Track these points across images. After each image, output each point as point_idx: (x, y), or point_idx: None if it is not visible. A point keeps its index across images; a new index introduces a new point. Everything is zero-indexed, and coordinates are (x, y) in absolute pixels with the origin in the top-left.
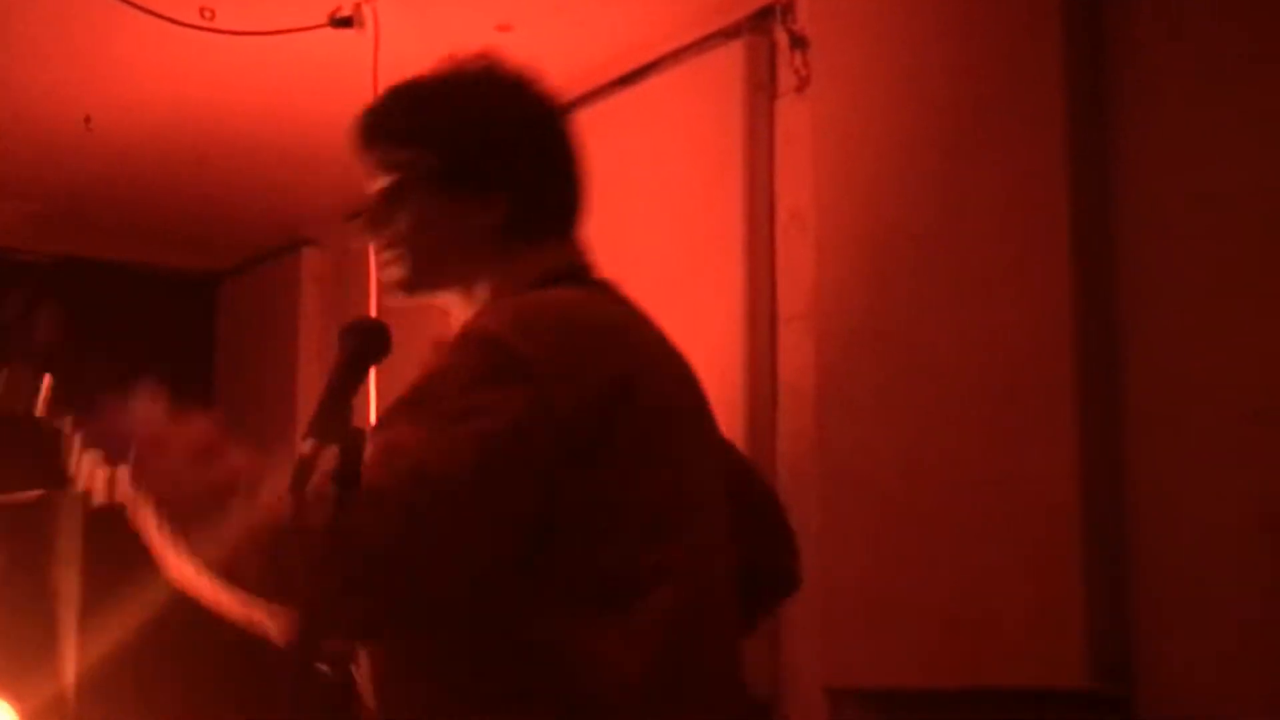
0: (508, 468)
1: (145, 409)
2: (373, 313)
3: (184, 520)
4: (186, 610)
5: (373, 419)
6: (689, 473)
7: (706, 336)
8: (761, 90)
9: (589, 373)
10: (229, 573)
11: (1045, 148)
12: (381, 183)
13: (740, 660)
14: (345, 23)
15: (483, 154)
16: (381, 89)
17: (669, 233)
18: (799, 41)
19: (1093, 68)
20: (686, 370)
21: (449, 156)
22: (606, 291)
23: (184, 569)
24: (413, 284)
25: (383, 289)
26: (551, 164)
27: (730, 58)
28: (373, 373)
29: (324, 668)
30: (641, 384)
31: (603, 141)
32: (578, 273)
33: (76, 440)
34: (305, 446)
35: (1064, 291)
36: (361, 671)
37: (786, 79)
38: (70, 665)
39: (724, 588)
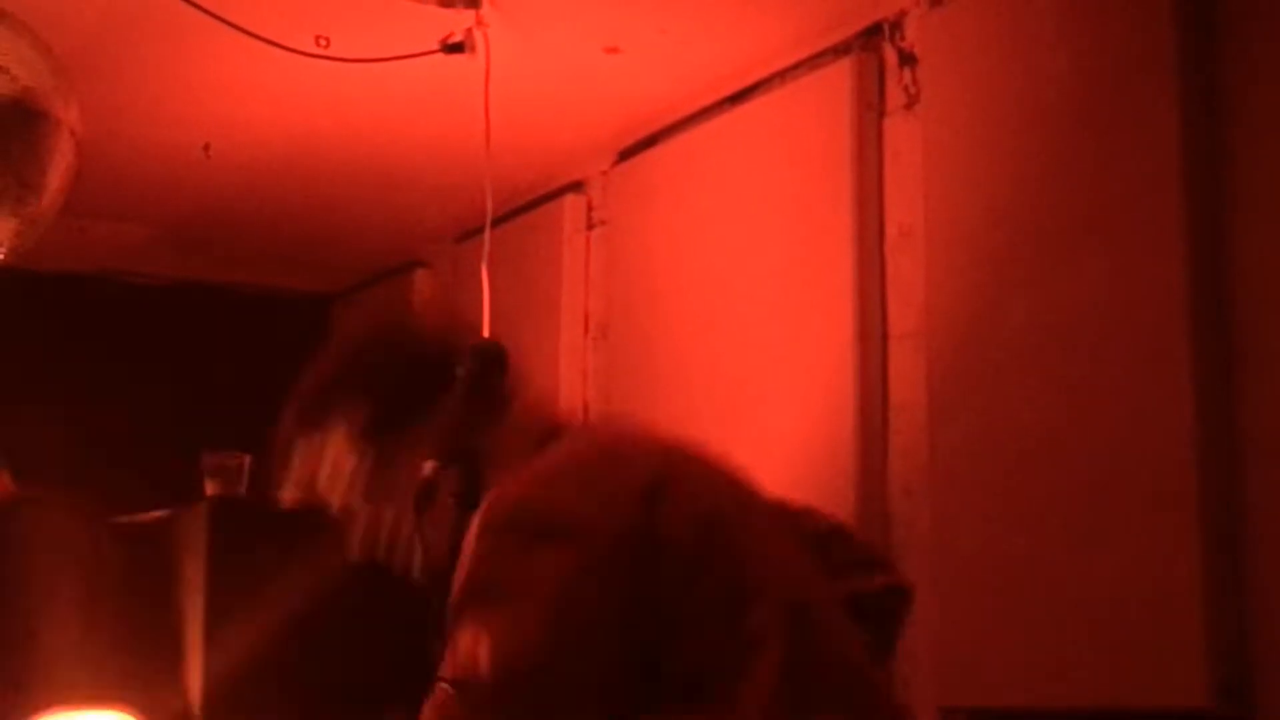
0: (579, 627)
1: None
2: (485, 332)
3: None
4: (309, 627)
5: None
6: (742, 541)
7: (817, 355)
8: (870, 108)
9: (616, 504)
10: None
11: (1160, 161)
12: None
13: (878, 687)
14: (457, 48)
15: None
16: (493, 115)
17: (779, 251)
18: (908, 59)
19: (1207, 80)
20: (701, 458)
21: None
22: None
23: None
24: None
25: None
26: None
27: (839, 75)
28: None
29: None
30: (668, 491)
31: (712, 161)
32: (560, 425)
33: None
34: (427, 468)
35: (1180, 305)
36: None
37: (895, 96)
38: (195, 682)
39: (831, 627)
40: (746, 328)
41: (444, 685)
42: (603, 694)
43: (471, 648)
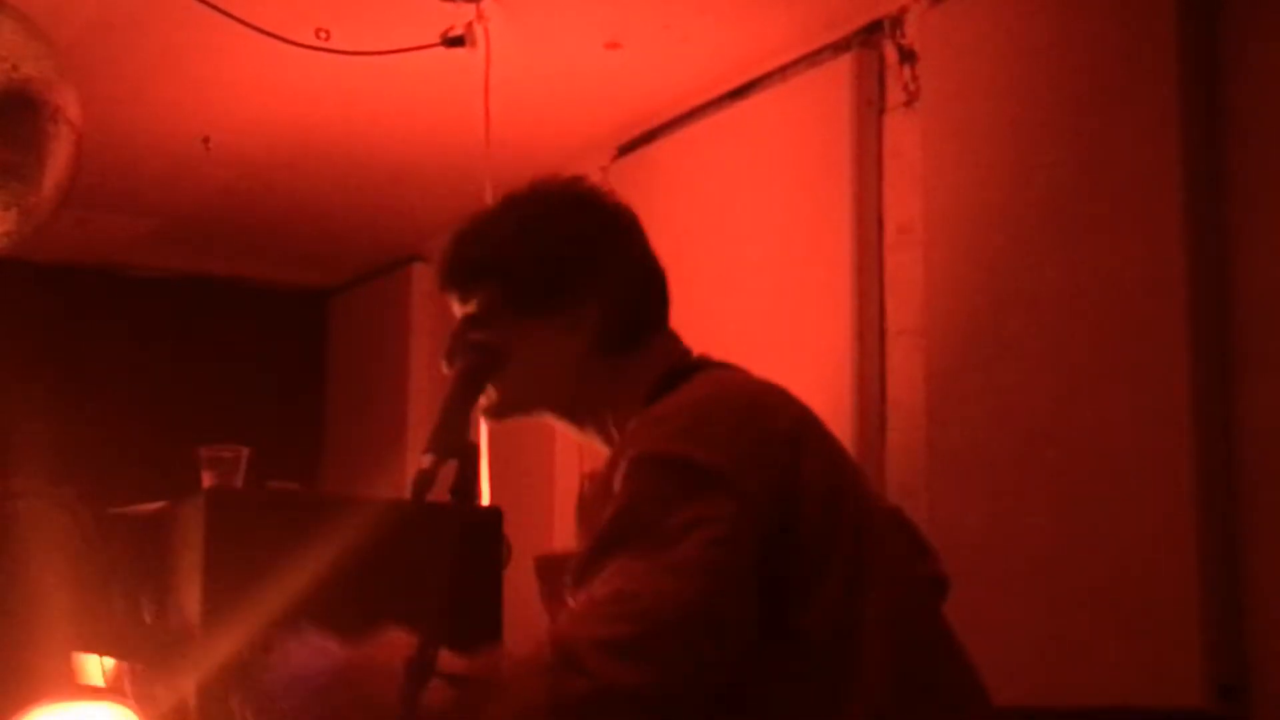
0: (735, 578)
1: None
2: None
3: None
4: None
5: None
6: (864, 507)
7: (815, 352)
8: (870, 105)
9: (768, 454)
10: None
11: (1159, 157)
12: (460, 319)
13: (968, 666)
14: (457, 42)
15: (553, 274)
16: (493, 109)
17: (777, 248)
18: (908, 56)
19: (1207, 78)
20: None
21: (518, 284)
22: (727, 368)
23: None
24: (498, 411)
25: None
26: (627, 267)
27: (839, 72)
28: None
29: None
30: (806, 436)
31: (711, 156)
32: (693, 362)
33: None
34: (424, 460)
35: (1179, 301)
36: None
37: (895, 94)
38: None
39: (928, 607)
40: (745, 323)
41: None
42: (737, 645)
43: (615, 586)
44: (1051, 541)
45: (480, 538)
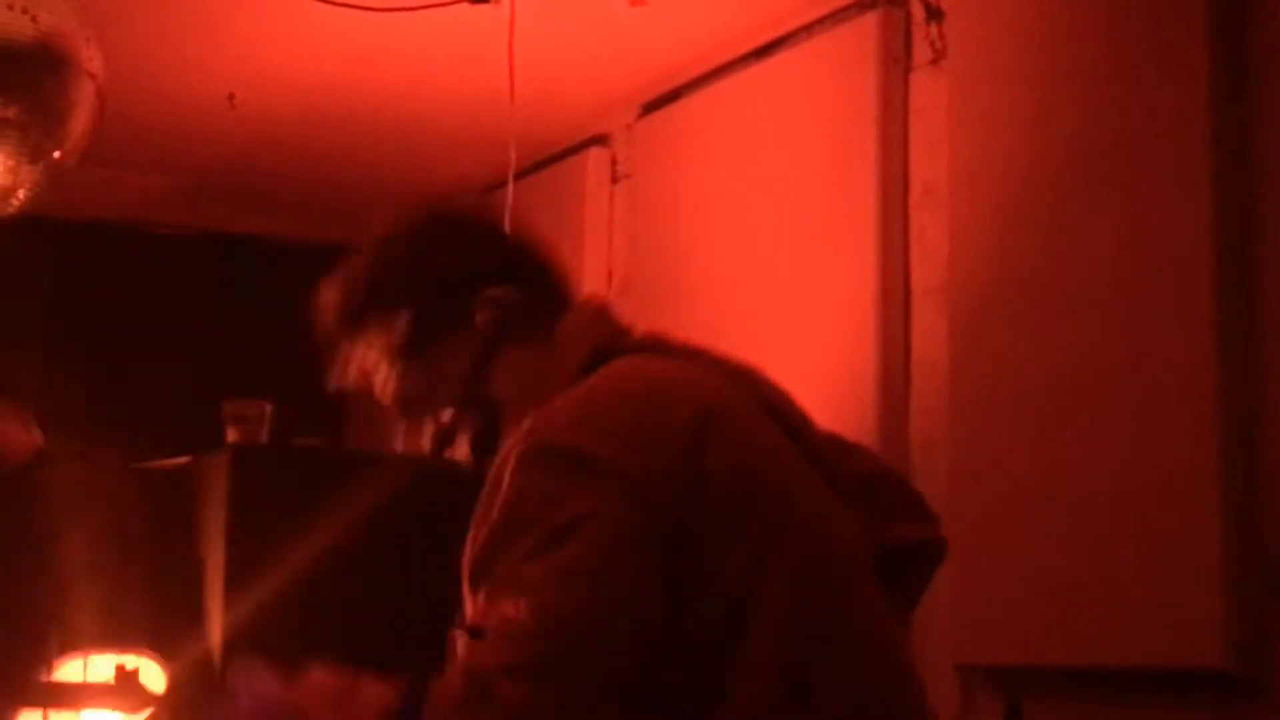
0: (630, 578)
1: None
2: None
3: None
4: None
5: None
6: (789, 493)
7: (840, 312)
8: (896, 63)
9: (664, 446)
10: None
11: (1187, 115)
12: (367, 362)
13: (893, 646)
14: None
15: (446, 293)
16: (517, 66)
17: (802, 207)
18: (934, 13)
19: (1236, 38)
20: (759, 385)
21: (419, 312)
22: (645, 352)
23: None
24: (404, 409)
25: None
26: (504, 259)
27: (865, 30)
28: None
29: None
30: (711, 427)
31: (736, 115)
32: (615, 346)
33: None
34: (444, 415)
35: (1204, 260)
36: None
37: (921, 51)
38: (217, 627)
39: (848, 586)
40: (769, 283)
41: (471, 632)
42: (639, 645)
43: (509, 596)
44: (1072, 501)
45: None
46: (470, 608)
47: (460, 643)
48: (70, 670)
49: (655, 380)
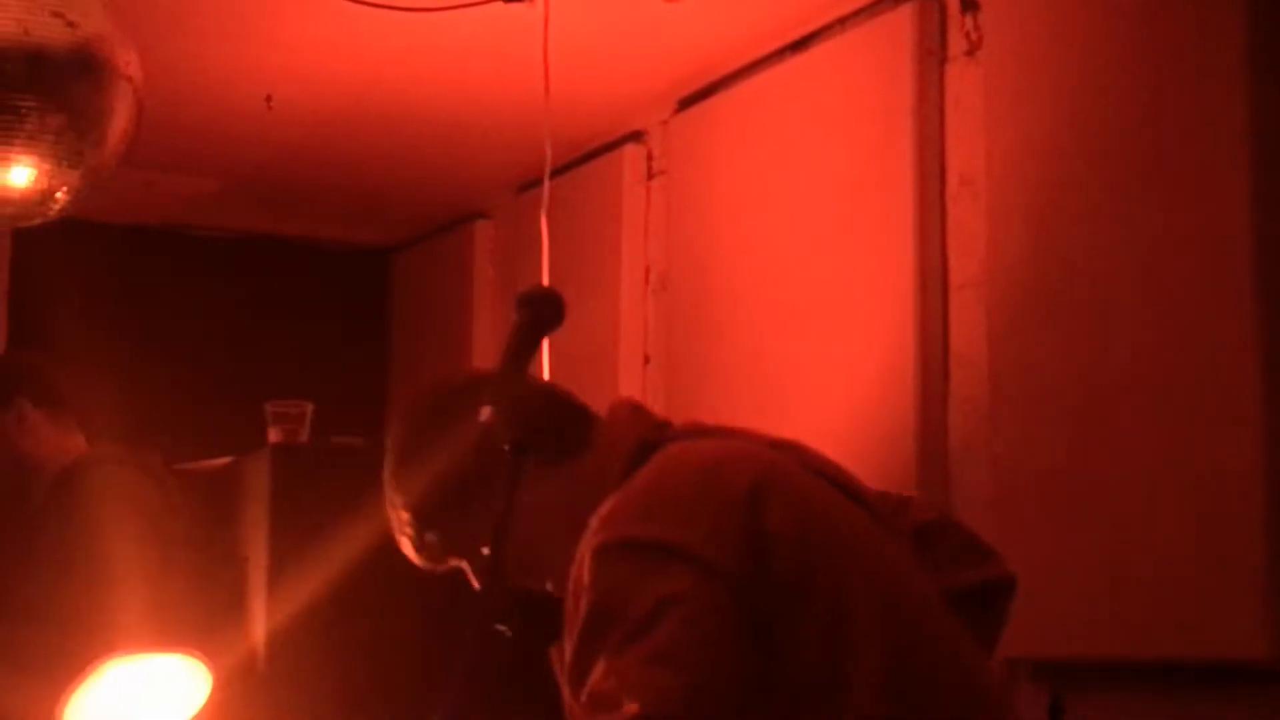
0: (718, 649)
1: None
2: (545, 283)
3: None
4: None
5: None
6: (849, 545)
7: (877, 305)
8: (931, 55)
9: (726, 519)
10: None
11: (1225, 105)
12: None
13: (987, 675)
14: None
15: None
16: (552, 64)
17: (838, 201)
18: (969, 4)
19: (1276, 16)
20: (805, 452)
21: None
22: (689, 436)
23: None
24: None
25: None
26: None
27: (900, 22)
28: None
29: (503, 628)
30: (767, 490)
31: (772, 109)
32: (655, 438)
33: None
34: (484, 413)
35: (1245, 254)
36: None
37: (957, 43)
38: (260, 625)
39: (935, 623)
40: (806, 278)
41: None
42: (736, 713)
43: (610, 690)
44: (1113, 494)
45: None
46: (573, 706)
47: None
48: (113, 671)
49: (706, 459)
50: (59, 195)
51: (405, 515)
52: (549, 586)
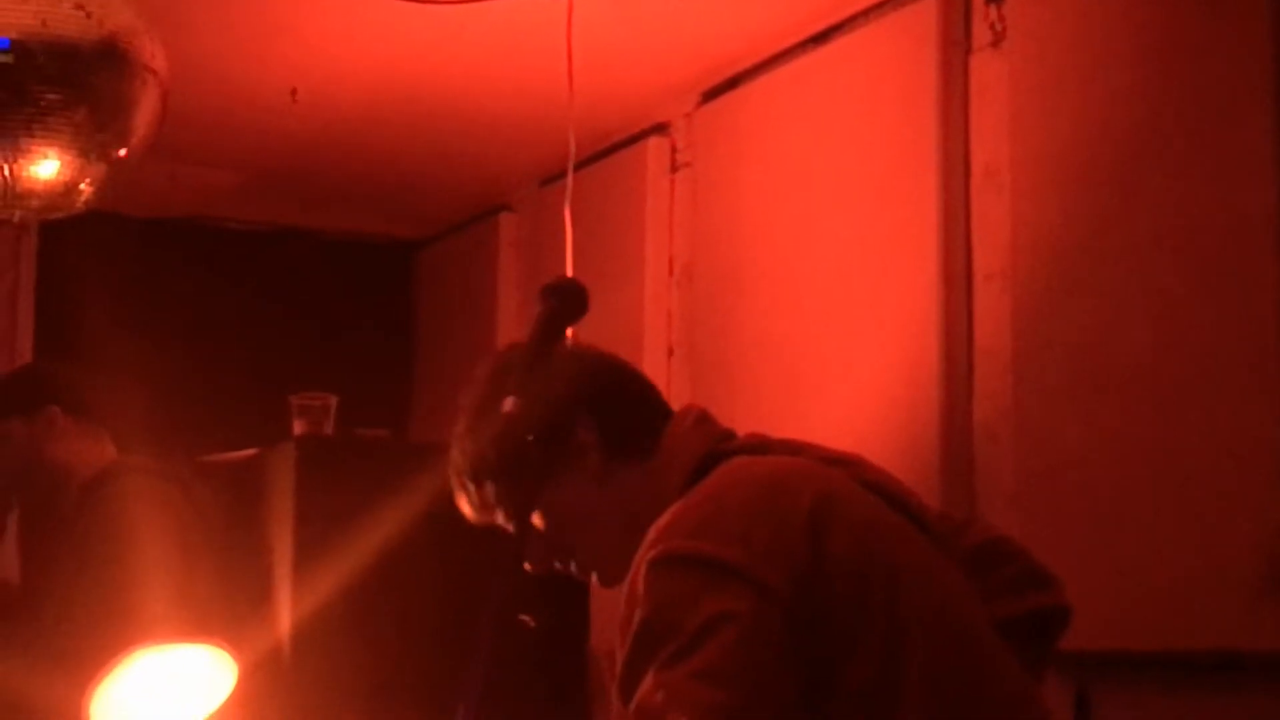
0: (767, 672)
1: None
2: (569, 274)
3: None
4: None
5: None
6: (906, 571)
7: (901, 296)
8: (956, 46)
9: (786, 540)
10: None
11: (1251, 95)
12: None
13: (1036, 703)
14: None
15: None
16: (576, 56)
17: (862, 192)
18: None
19: None
20: (866, 470)
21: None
22: (754, 450)
23: None
24: (616, 576)
25: None
26: (597, 388)
27: (924, 13)
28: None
29: (526, 618)
30: (829, 514)
31: (796, 101)
32: (721, 450)
33: None
34: (508, 404)
35: (1270, 244)
36: None
37: (981, 33)
38: (286, 617)
39: (987, 648)
40: (830, 269)
41: None
42: None
43: (658, 703)
44: (1142, 484)
45: None
46: (622, 715)
47: None
48: (140, 662)
49: (768, 476)
50: (84, 188)
51: (463, 462)
52: (592, 579)
